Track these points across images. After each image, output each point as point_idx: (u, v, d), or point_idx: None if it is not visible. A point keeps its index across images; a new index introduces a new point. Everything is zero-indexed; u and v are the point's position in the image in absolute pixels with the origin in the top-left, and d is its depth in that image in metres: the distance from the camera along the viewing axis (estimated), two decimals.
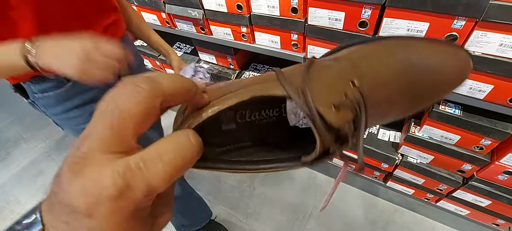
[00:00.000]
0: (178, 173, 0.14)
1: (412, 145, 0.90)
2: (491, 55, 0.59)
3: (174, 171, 0.14)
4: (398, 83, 0.24)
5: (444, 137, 0.82)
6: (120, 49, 0.47)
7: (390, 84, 0.23)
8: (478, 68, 0.61)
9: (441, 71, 0.25)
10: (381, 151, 0.98)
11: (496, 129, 0.71)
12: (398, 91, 0.24)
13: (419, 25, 0.61)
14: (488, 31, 0.56)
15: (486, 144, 0.77)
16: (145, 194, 0.13)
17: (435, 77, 0.25)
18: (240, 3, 0.82)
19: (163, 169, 0.13)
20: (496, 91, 0.64)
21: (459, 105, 0.76)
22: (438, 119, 0.78)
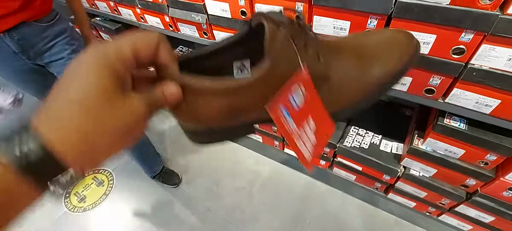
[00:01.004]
0: (143, 47, 0.21)
1: (415, 158, 0.89)
2: (499, 69, 0.58)
3: (139, 44, 0.20)
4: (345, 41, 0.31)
5: (448, 151, 0.81)
6: None
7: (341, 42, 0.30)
8: (485, 82, 0.60)
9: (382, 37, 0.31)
10: (383, 162, 0.97)
11: (502, 145, 0.70)
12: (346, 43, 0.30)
13: (426, 37, 0.59)
14: (496, 45, 0.55)
15: (491, 159, 0.75)
16: (116, 51, 0.19)
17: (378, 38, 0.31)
18: (244, 9, 0.81)
19: (131, 40, 0.20)
20: (503, 106, 0.62)
21: (464, 119, 0.74)
22: (442, 132, 0.76)
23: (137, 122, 0.20)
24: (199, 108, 0.25)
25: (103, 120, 0.18)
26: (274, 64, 0.24)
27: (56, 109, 0.18)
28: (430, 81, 0.67)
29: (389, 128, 1.06)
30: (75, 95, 0.18)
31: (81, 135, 0.17)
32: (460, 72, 0.61)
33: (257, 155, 1.59)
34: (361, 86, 0.28)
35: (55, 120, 0.17)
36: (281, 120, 0.26)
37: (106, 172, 1.63)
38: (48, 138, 0.17)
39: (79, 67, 0.19)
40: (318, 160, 1.21)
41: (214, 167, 1.58)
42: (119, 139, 0.19)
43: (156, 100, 0.22)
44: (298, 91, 0.26)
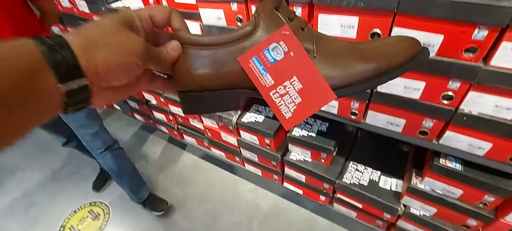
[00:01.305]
0: (158, 13, 0.29)
1: (415, 196, 0.88)
2: (488, 115, 0.60)
3: (155, 11, 0.29)
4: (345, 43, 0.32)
5: (446, 191, 0.81)
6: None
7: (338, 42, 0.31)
8: (475, 126, 0.62)
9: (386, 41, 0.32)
10: (383, 200, 0.96)
11: (498, 187, 0.70)
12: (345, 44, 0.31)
13: (416, 83, 0.63)
14: (483, 93, 0.58)
15: (490, 200, 0.75)
16: (136, 13, 0.28)
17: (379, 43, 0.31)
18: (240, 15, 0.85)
19: (149, 8, 0.30)
20: (496, 149, 0.64)
21: (460, 160, 0.76)
22: (439, 172, 0.77)
23: (133, 51, 0.26)
24: (193, 61, 0.30)
25: (108, 37, 0.24)
26: (255, 25, 0.29)
27: (83, 28, 0.24)
28: (423, 124, 0.69)
29: (387, 163, 1.06)
30: (99, 23, 0.25)
31: (91, 41, 0.23)
32: (451, 117, 0.64)
33: (256, 187, 1.58)
34: (353, 66, 0.29)
35: (79, 32, 0.24)
36: (253, 71, 0.29)
37: (103, 205, 1.60)
38: (69, 39, 0.22)
39: (109, 15, 0.26)
40: (318, 195, 1.20)
41: (213, 200, 1.55)
42: (118, 56, 0.25)
43: (160, 52, 0.29)
44: (277, 47, 0.28)
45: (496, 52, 0.51)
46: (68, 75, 0.22)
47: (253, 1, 0.73)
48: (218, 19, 0.83)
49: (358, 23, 0.60)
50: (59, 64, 0.21)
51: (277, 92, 0.29)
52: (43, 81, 0.21)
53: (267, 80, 0.29)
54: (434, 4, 0.50)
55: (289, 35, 0.28)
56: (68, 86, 0.22)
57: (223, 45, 0.29)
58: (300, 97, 0.29)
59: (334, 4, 0.60)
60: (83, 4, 1.29)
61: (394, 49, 0.30)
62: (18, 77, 0.19)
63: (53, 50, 0.21)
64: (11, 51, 0.20)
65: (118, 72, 0.25)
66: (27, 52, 0.20)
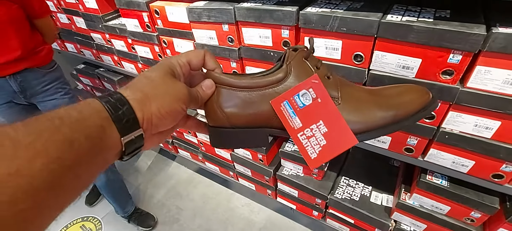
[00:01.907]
0: (194, 57, 0.32)
1: (404, 212, 0.89)
2: (468, 134, 0.62)
3: (191, 55, 0.32)
4: (365, 91, 0.35)
5: (434, 207, 0.82)
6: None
7: (360, 90, 0.35)
8: (457, 145, 0.64)
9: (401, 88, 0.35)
10: (374, 215, 0.97)
11: (484, 203, 0.71)
12: (365, 91, 0.34)
13: None
14: (462, 113, 0.60)
15: (477, 216, 0.76)
16: (176, 59, 0.31)
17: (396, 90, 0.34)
18: (236, 70, 0.88)
19: (186, 53, 0.32)
20: (478, 167, 0.66)
21: (445, 176, 0.77)
22: (426, 188, 0.78)
23: (180, 97, 0.29)
24: (225, 100, 0.33)
25: (159, 88, 0.28)
26: (287, 73, 0.32)
27: (136, 82, 0.28)
28: (408, 141, 0.71)
29: (378, 178, 1.07)
30: (148, 76, 0.29)
31: (142, 91, 0.27)
32: (433, 135, 0.66)
33: (250, 201, 1.57)
34: (373, 113, 0.32)
35: (133, 86, 0.27)
36: (284, 114, 0.32)
37: (95, 220, 1.59)
38: (127, 94, 0.26)
39: (154, 66, 0.30)
40: (311, 210, 1.20)
41: (207, 214, 1.54)
42: (168, 104, 0.28)
43: (197, 91, 0.32)
44: (306, 94, 0.31)
45: (471, 75, 0.54)
46: (128, 128, 0.25)
47: (244, 24, 0.76)
48: (210, 38, 0.86)
49: (342, 46, 0.63)
50: (121, 119, 0.24)
51: (305, 134, 0.32)
52: (109, 136, 0.23)
53: (296, 122, 0.32)
54: (411, 30, 0.53)
55: (318, 83, 0.31)
56: (128, 138, 0.25)
57: (256, 88, 0.32)
58: (325, 140, 0.31)
59: (318, 28, 0.63)
60: (81, 21, 1.32)
61: (408, 98, 0.33)
62: (92, 134, 0.22)
63: (116, 107, 0.24)
64: (83, 112, 0.22)
65: (168, 118, 0.28)
66: (97, 110, 0.23)
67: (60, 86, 1.12)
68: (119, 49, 1.26)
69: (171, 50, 1.01)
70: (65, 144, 0.20)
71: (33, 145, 0.18)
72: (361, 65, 0.64)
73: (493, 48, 0.49)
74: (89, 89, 1.85)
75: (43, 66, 1.06)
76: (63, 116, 0.21)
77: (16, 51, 0.94)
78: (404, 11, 0.58)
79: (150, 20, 0.98)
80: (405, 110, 0.31)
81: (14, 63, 0.96)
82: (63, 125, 0.20)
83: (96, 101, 0.24)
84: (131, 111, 0.25)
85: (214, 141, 0.36)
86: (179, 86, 0.29)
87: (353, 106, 0.32)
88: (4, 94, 1.02)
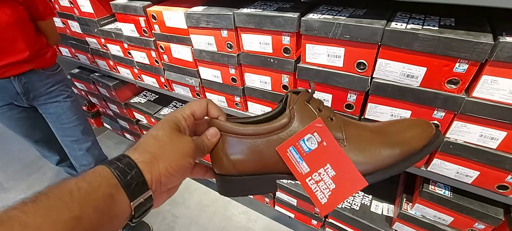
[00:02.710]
0: (197, 108, 0.33)
1: (406, 222, 0.87)
2: (473, 144, 0.61)
3: (194, 107, 0.33)
4: (369, 129, 0.34)
5: (437, 217, 0.80)
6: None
7: (364, 128, 0.34)
8: (462, 155, 0.63)
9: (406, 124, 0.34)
10: (375, 226, 0.94)
11: (488, 214, 0.70)
12: (369, 130, 0.34)
13: (402, 112, 0.64)
14: (467, 123, 0.59)
15: (480, 228, 0.74)
16: (180, 113, 0.31)
17: (400, 126, 0.34)
18: (234, 77, 0.86)
19: (189, 106, 0.33)
20: (483, 177, 0.64)
21: (448, 186, 0.76)
22: (429, 199, 0.77)
23: (187, 153, 0.29)
24: (231, 148, 0.32)
25: (166, 147, 0.28)
26: (290, 118, 0.32)
27: (143, 143, 0.28)
28: None
29: (378, 187, 1.06)
30: (154, 135, 0.28)
31: (151, 152, 0.27)
32: None
33: (248, 210, 1.54)
34: (379, 152, 0.31)
35: (141, 147, 0.27)
36: (291, 160, 0.31)
37: None
38: (135, 157, 0.26)
39: (159, 123, 0.30)
40: (310, 219, 1.18)
41: (203, 222, 1.51)
42: (175, 162, 0.28)
43: (202, 141, 0.32)
44: (312, 138, 0.31)
45: (477, 84, 0.53)
46: (137, 191, 0.25)
47: (243, 30, 0.74)
48: (208, 44, 0.84)
49: (344, 53, 0.61)
50: (131, 184, 0.24)
51: (313, 179, 0.31)
52: (118, 203, 0.24)
53: (303, 167, 0.31)
54: (417, 38, 0.52)
55: (322, 127, 0.31)
56: (137, 201, 0.25)
57: (261, 135, 0.32)
58: (334, 183, 0.31)
59: (321, 35, 0.61)
60: (76, 25, 1.30)
61: (412, 134, 0.32)
62: (101, 205, 0.22)
63: (125, 172, 0.24)
64: (92, 183, 0.23)
65: (176, 175, 0.28)
66: (106, 178, 0.23)
67: (63, 89, 1.11)
68: (115, 54, 1.23)
69: (168, 56, 0.99)
70: (73, 221, 0.20)
71: (41, 229, 0.19)
72: (364, 73, 0.62)
73: (500, 57, 0.48)
74: (84, 94, 1.81)
75: (47, 68, 1.05)
76: (72, 190, 0.22)
77: (23, 52, 0.94)
78: (408, 19, 0.57)
79: (147, 25, 0.96)
80: (410, 147, 0.31)
81: (21, 64, 0.96)
82: (72, 200, 0.21)
83: (106, 168, 0.24)
84: (140, 175, 0.25)
85: (222, 189, 0.35)
86: (185, 141, 0.29)
87: (359, 146, 0.32)
88: (6, 95, 1.00)
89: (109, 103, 1.64)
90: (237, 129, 0.32)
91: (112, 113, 1.74)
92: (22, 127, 1.13)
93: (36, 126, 1.15)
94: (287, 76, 0.77)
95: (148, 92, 1.58)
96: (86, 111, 1.92)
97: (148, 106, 1.47)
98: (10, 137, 1.53)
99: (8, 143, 2.16)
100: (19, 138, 1.19)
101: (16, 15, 0.88)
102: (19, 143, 1.25)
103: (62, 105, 1.10)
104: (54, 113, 1.10)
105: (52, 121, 1.12)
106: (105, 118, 1.89)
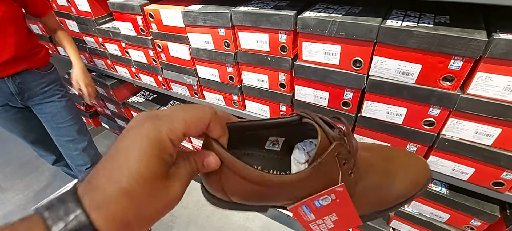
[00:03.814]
0: (194, 125, 0.22)
1: (403, 220, 0.88)
2: (469, 141, 0.61)
3: (191, 122, 0.21)
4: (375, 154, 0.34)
5: (434, 215, 0.81)
6: None
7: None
8: (457, 152, 0.63)
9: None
10: (373, 223, 0.95)
11: (484, 211, 0.70)
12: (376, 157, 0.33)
13: (398, 109, 0.64)
14: (462, 119, 0.59)
15: (477, 224, 0.75)
16: (168, 133, 0.20)
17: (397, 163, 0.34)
18: (232, 75, 0.86)
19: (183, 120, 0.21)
20: (478, 174, 0.65)
21: (445, 183, 0.76)
22: (425, 196, 0.77)
23: (170, 205, 0.21)
24: (230, 185, 0.26)
25: (144, 208, 0.19)
26: (313, 174, 0.26)
27: (107, 192, 0.18)
28: (407, 148, 0.70)
29: None
30: (125, 183, 0.18)
31: (123, 221, 0.18)
32: (433, 142, 0.65)
33: None
34: (381, 200, 0.32)
35: (104, 202, 0.18)
36: (300, 214, 0.29)
37: None
38: (94, 218, 0.17)
39: (132, 147, 0.19)
40: None
41: (201, 222, 1.51)
42: (153, 219, 0.20)
43: (195, 170, 0.24)
44: (327, 198, 0.27)
45: (472, 81, 0.53)
46: None
47: (240, 28, 0.75)
48: (206, 43, 0.84)
49: (340, 51, 0.62)
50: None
51: (315, 223, 0.31)
52: None
53: (309, 217, 0.30)
54: (412, 35, 0.52)
55: (342, 192, 0.28)
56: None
57: (269, 187, 0.27)
58: (333, 224, 0.31)
59: (317, 33, 0.62)
60: (73, 24, 1.30)
61: (413, 180, 0.33)
62: None
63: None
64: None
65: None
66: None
67: (58, 89, 1.11)
68: (113, 53, 1.23)
69: (165, 55, 0.99)
70: None
71: None
72: (360, 71, 0.62)
73: (494, 54, 0.48)
74: (82, 94, 1.80)
75: (41, 68, 1.05)
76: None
77: (16, 50, 0.93)
78: (403, 17, 0.57)
79: (144, 24, 0.96)
80: (409, 195, 0.32)
81: (14, 63, 0.95)
82: None
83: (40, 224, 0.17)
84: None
85: (210, 200, 0.30)
86: (171, 194, 0.21)
87: (365, 199, 0.31)
88: (1, 96, 1.00)
89: (107, 102, 1.63)
90: (241, 169, 0.25)
91: (110, 113, 1.73)
92: (18, 128, 1.13)
93: (31, 126, 1.15)
94: (284, 75, 0.77)
95: (146, 91, 1.58)
96: (84, 111, 1.92)
97: (146, 105, 1.46)
98: (7, 137, 1.52)
99: (5, 143, 2.15)
100: (16, 138, 1.19)
101: (10, 11, 0.88)
102: (16, 143, 1.24)
103: (56, 105, 1.09)
104: (49, 113, 1.09)
105: (47, 121, 1.11)
106: (103, 117, 1.89)
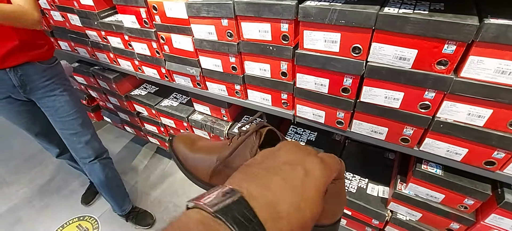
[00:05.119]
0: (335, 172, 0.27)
1: (400, 202, 0.92)
2: (462, 122, 0.65)
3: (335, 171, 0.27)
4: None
5: (429, 195, 0.84)
6: None
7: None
8: (452, 133, 0.67)
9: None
10: (371, 206, 0.99)
11: (476, 190, 0.74)
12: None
13: (396, 93, 0.67)
14: (456, 102, 0.62)
15: (470, 203, 0.79)
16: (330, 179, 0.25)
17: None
18: (234, 65, 0.89)
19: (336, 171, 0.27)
20: (471, 154, 0.68)
21: (440, 165, 0.80)
22: (421, 177, 0.81)
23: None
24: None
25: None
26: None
27: (284, 211, 0.20)
28: (404, 131, 0.73)
29: (374, 171, 1.10)
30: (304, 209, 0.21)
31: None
32: (429, 124, 0.68)
33: None
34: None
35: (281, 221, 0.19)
36: None
37: (92, 219, 1.57)
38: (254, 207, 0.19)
39: (309, 186, 0.22)
40: None
41: None
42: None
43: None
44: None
45: (465, 64, 0.56)
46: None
47: (243, 18, 0.77)
48: (209, 33, 0.87)
49: (340, 38, 0.65)
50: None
51: None
52: None
53: None
54: (408, 22, 0.55)
55: None
56: None
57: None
58: None
59: (317, 21, 0.64)
60: (75, 19, 1.31)
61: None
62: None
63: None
64: None
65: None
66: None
67: (60, 83, 1.11)
68: (115, 46, 1.25)
69: (169, 47, 1.02)
70: None
71: None
72: (359, 57, 0.65)
73: (486, 38, 0.51)
74: (84, 88, 1.82)
75: (44, 62, 1.06)
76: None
77: (14, 38, 0.94)
78: (400, 4, 0.60)
79: (148, 16, 0.98)
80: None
81: (16, 55, 0.96)
82: None
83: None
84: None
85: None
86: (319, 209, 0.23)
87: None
88: (3, 88, 1.01)
89: (109, 96, 1.65)
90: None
91: (112, 106, 1.75)
92: (22, 120, 1.15)
93: (35, 119, 1.16)
94: (286, 63, 0.80)
95: (148, 84, 1.60)
96: (86, 105, 1.93)
97: (149, 98, 1.49)
98: (11, 131, 1.53)
99: (9, 137, 2.17)
100: (20, 132, 1.21)
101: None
102: (20, 137, 1.26)
103: (59, 99, 1.10)
104: (52, 107, 1.11)
105: (50, 115, 1.13)
106: (105, 111, 1.91)
